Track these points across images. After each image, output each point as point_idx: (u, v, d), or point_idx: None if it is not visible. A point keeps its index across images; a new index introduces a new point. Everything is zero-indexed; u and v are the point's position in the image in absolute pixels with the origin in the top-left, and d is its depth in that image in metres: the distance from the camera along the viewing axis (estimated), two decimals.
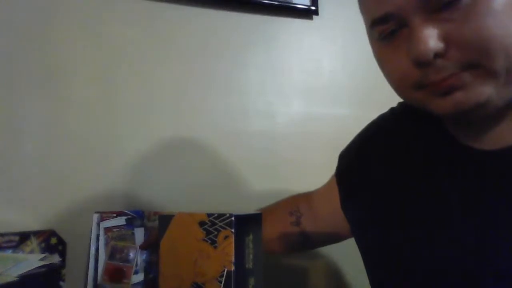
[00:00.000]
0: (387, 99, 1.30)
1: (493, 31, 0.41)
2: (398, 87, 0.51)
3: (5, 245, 0.83)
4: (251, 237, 0.87)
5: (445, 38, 0.42)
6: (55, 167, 0.97)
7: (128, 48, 1.06)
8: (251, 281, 0.86)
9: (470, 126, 0.52)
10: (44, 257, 0.86)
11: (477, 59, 0.42)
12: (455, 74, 0.43)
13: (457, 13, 0.41)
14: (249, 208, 1.09)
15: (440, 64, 0.43)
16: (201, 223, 0.82)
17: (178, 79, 1.10)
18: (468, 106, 0.45)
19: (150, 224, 0.96)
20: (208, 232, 0.81)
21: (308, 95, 1.20)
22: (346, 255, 1.14)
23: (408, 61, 0.45)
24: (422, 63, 0.43)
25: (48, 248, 0.87)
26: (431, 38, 0.42)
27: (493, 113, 0.48)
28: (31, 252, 0.85)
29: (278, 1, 1.17)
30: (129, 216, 0.96)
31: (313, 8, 1.21)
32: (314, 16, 1.24)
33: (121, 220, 0.95)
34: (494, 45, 0.41)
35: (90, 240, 0.93)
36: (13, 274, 0.80)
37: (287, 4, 1.20)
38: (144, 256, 0.94)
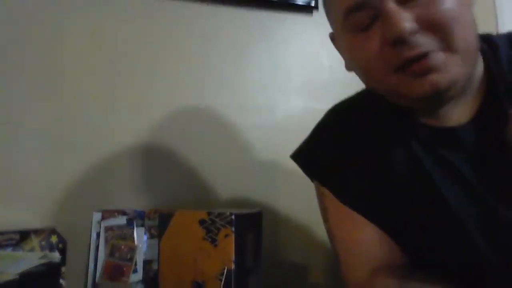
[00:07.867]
0: None
1: (453, 13, 0.49)
2: (374, 73, 0.54)
3: (6, 243, 0.83)
4: (251, 236, 0.88)
5: (416, 20, 0.49)
6: (55, 166, 0.97)
7: (127, 46, 1.06)
8: (251, 280, 0.86)
9: (429, 111, 0.58)
10: (44, 255, 0.86)
11: (444, 36, 0.49)
12: (428, 53, 0.49)
13: (423, 0, 0.49)
14: (249, 206, 1.09)
15: (414, 41, 0.49)
16: (201, 221, 0.82)
17: (177, 76, 1.09)
18: (444, 86, 0.50)
19: (151, 223, 0.96)
20: (208, 231, 0.81)
21: (308, 90, 1.20)
22: None
23: (384, 44, 0.51)
24: (399, 40, 0.49)
25: (48, 246, 0.87)
26: (406, 19, 0.49)
27: (457, 94, 0.54)
28: (31, 250, 0.85)
29: None
30: (130, 216, 0.96)
31: (312, 3, 1.21)
32: (314, 12, 1.23)
33: (122, 219, 0.95)
34: (456, 24, 0.49)
35: (90, 238, 0.93)
36: (13, 272, 0.80)
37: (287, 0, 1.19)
38: (143, 256, 0.95)
